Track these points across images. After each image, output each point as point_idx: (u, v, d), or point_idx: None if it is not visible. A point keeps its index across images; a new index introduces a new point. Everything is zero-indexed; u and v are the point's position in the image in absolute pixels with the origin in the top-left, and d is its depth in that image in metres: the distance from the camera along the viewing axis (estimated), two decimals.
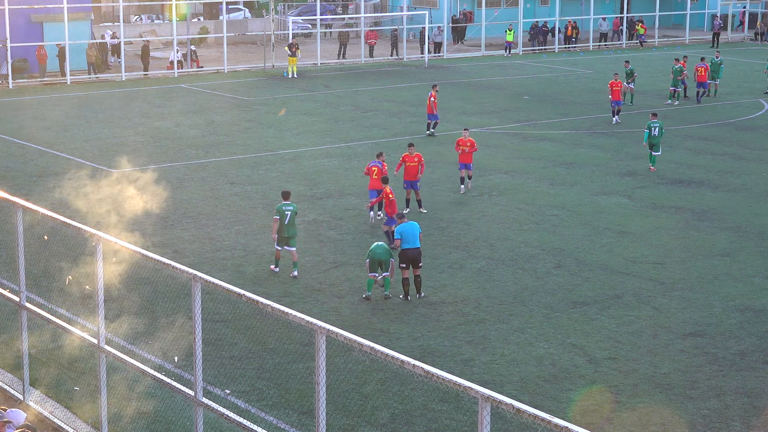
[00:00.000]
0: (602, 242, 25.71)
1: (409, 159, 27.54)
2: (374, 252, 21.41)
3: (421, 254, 21.61)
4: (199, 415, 13.18)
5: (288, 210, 23.03)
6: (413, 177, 27.52)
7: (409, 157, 27.56)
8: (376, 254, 21.37)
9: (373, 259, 21.39)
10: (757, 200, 29.96)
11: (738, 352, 19.08)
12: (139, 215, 27.79)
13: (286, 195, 23.43)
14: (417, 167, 27.49)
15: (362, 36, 62.62)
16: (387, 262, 21.38)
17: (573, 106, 45.43)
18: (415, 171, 27.48)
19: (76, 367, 17.90)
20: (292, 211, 23.07)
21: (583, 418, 16.36)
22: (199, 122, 41.28)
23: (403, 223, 21.69)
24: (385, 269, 21.44)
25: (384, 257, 21.35)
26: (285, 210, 23.02)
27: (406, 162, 27.54)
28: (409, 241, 21.38)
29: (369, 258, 21.48)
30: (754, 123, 42.33)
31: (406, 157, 27.64)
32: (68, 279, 21.33)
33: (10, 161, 34.23)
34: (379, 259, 21.34)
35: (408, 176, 27.55)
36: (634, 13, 73.31)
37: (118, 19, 59.13)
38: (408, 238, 21.40)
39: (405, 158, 27.64)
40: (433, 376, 9.99)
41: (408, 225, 21.61)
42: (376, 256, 21.36)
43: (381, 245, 21.51)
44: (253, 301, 12.16)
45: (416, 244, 21.45)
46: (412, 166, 27.46)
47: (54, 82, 52.06)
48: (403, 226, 21.58)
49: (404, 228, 21.50)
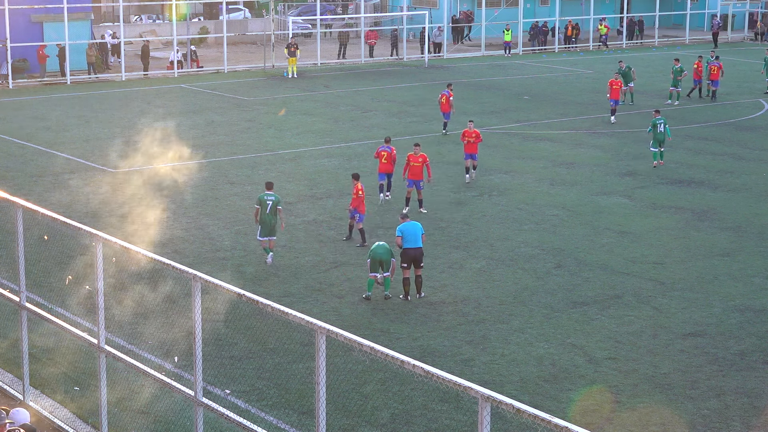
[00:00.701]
0: (602, 242, 25.71)
1: (413, 159, 27.66)
2: (375, 252, 21.43)
3: (422, 254, 21.62)
4: (199, 415, 13.18)
5: (269, 200, 23.67)
6: (417, 176, 27.63)
7: (414, 157, 27.67)
8: (377, 254, 21.38)
9: (374, 258, 21.40)
10: (757, 200, 29.96)
11: (738, 352, 19.08)
12: (139, 215, 27.81)
13: (269, 185, 24.20)
14: (421, 167, 27.57)
15: (362, 36, 62.63)
16: (388, 261, 21.39)
17: (573, 106, 45.43)
18: (419, 170, 27.55)
19: (76, 367, 17.90)
20: (273, 201, 23.69)
21: (583, 418, 16.36)
22: (199, 122, 41.28)
23: (405, 222, 21.71)
24: (386, 269, 21.45)
25: (385, 257, 21.36)
26: (266, 200, 23.68)
27: (410, 162, 27.67)
28: (410, 240, 21.36)
29: (370, 258, 21.50)
30: (754, 123, 42.33)
31: (410, 157, 27.75)
32: (68, 279, 21.33)
33: (10, 161, 34.23)
34: (380, 258, 21.35)
35: (412, 175, 27.67)
36: (635, 13, 73.33)
37: (118, 19, 59.14)
38: (409, 237, 21.38)
39: (410, 158, 27.76)
40: (433, 376, 9.99)
41: (410, 224, 21.61)
42: (377, 255, 21.37)
43: (382, 245, 21.53)
44: (253, 301, 12.16)
45: (418, 244, 21.41)
46: (416, 165, 27.60)
47: (54, 82, 52.06)
48: (404, 225, 21.60)
49: (406, 227, 21.52)
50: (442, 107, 38.44)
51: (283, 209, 24.30)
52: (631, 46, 69.98)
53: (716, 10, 73.78)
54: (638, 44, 71.04)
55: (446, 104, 38.21)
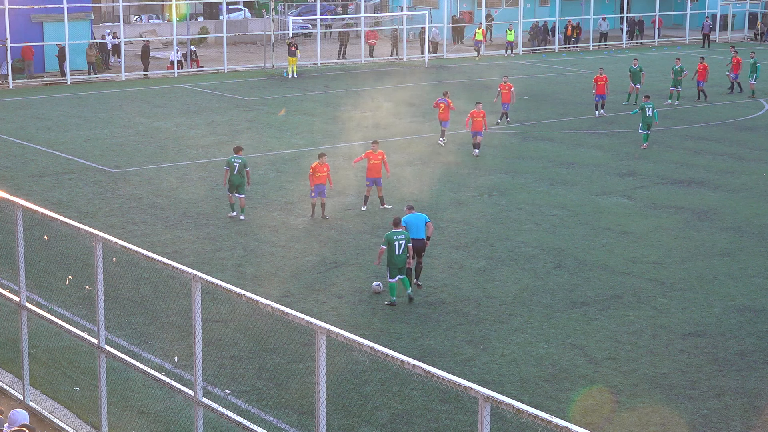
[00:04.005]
0: (602, 242, 25.71)
1: (373, 156, 27.80)
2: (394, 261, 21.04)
3: (425, 245, 22.08)
4: (199, 415, 13.18)
5: (237, 162, 27.12)
6: (377, 174, 27.88)
7: (373, 155, 27.82)
8: (398, 265, 21.04)
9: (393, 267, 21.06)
10: (757, 200, 29.97)
11: (738, 352, 19.08)
12: (139, 215, 27.81)
13: (237, 149, 27.72)
14: (380, 165, 27.86)
15: (362, 36, 62.64)
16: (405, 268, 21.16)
17: (573, 106, 45.43)
18: (378, 168, 27.81)
19: (76, 367, 17.91)
20: (240, 162, 27.10)
21: (583, 418, 16.36)
22: (199, 122, 41.28)
23: (410, 213, 22.08)
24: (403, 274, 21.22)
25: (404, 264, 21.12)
26: (234, 162, 27.15)
27: (370, 159, 27.81)
28: (414, 232, 21.74)
29: (389, 267, 21.11)
30: (754, 123, 42.34)
31: (369, 155, 27.85)
32: (68, 279, 21.34)
33: (10, 161, 34.23)
34: (399, 266, 21.10)
35: (371, 173, 27.89)
36: (635, 13, 73.34)
37: (118, 19, 59.13)
38: (413, 229, 21.77)
39: (369, 155, 27.86)
40: (433, 376, 10.00)
41: (414, 216, 22.02)
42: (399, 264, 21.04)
43: (401, 256, 21.08)
44: (253, 301, 12.16)
45: (420, 236, 21.87)
46: (375, 163, 27.84)
47: (54, 82, 52.06)
48: (409, 216, 22.01)
49: (410, 219, 21.93)
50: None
51: (251, 171, 28.07)
52: (631, 46, 69.98)
53: (716, 10, 73.77)
54: (638, 44, 71.04)
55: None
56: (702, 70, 46.86)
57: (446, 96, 37.53)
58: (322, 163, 27.10)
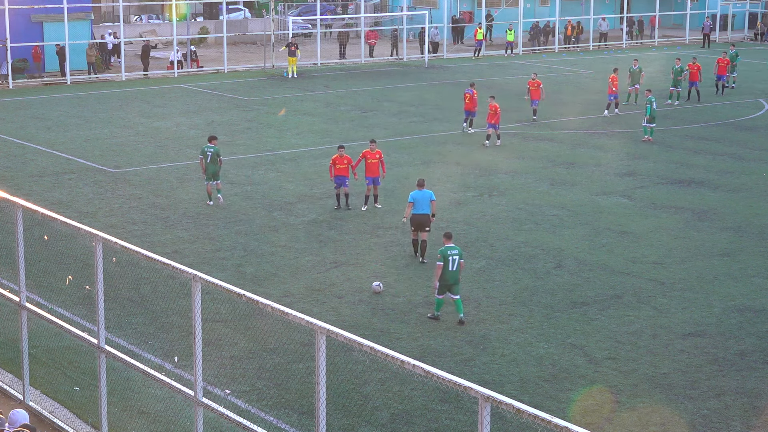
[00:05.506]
0: (602, 242, 25.71)
1: (370, 156, 27.90)
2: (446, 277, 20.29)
3: (429, 220, 23.68)
4: (199, 415, 13.18)
5: (210, 151, 28.37)
6: (374, 173, 28.05)
7: (371, 154, 27.93)
8: (448, 282, 20.30)
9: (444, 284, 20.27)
10: (757, 200, 29.96)
11: (738, 352, 19.08)
12: (139, 215, 27.81)
13: (212, 138, 28.81)
14: (378, 164, 27.99)
15: (362, 36, 62.63)
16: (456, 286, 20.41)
17: (573, 106, 45.43)
18: (376, 167, 27.97)
19: (76, 367, 17.91)
20: (213, 151, 28.32)
21: (583, 418, 16.36)
22: (199, 122, 41.27)
23: (418, 190, 23.81)
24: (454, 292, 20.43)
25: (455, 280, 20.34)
26: (207, 151, 28.42)
27: (367, 158, 27.93)
28: (419, 207, 23.55)
29: (440, 283, 20.26)
30: (754, 123, 42.33)
31: (367, 153, 27.91)
32: (68, 279, 21.34)
33: (10, 161, 34.23)
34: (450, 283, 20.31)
35: (369, 173, 28.04)
36: (635, 13, 73.32)
37: (118, 19, 59.12)
38: (419, 204, 23.56)
39: (366, 154, 27.94)
40: (433, 376, 9.99)
41: (420, 192, 23.74)
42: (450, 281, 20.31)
43: (453, 273, 20.30)
44: (253, 301, 12.16)
45: (424, 210, 23.54)
46: (373, 162, 27.96)
47: (54, 82, 52.06)
48: (416, 192, 23.77)
49: (417, 194, 23.70)
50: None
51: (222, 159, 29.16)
52: (631, 46, 69.97)
53: (716, 10, 73.76)
54: (638, 44, 71.03)
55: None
56: (695, 70, 46.81)
57: (473, 87, 39.34)
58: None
